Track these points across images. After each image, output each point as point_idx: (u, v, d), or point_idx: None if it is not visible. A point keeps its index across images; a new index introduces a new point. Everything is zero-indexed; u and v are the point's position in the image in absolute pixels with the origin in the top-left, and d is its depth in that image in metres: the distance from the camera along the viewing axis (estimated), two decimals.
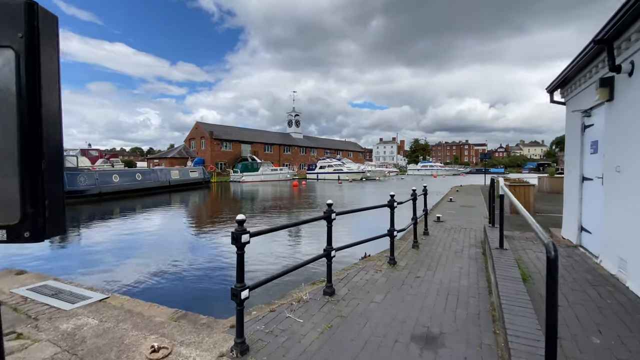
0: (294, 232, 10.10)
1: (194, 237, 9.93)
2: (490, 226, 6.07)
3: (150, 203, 18.12)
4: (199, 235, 10.17)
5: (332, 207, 3.74)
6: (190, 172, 28.91)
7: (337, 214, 3.79)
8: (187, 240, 9.42)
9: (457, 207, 12.10)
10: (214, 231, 10.76)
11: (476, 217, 9.76)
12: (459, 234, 7.44)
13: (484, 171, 29.28)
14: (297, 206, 16.66)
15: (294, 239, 9.35)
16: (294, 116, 62.99)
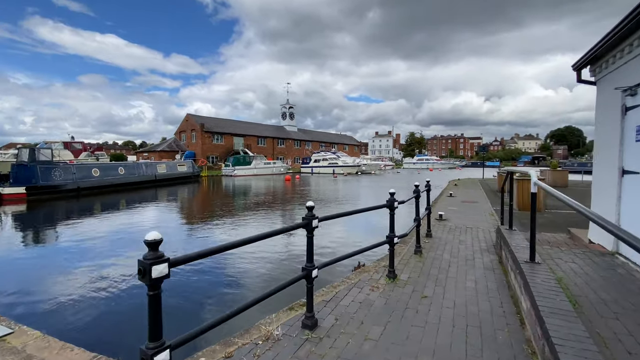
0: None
1: (167, 242, 8.92)
2: (506, 228, 5.15)
3: (132, 199, 17.01)
4: (175, 238, 9.16)
5: (312, 210, 2.77)
6: (178, 166, 27.69)
7: (321, 219, 2.83)
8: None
9: (459, 203, 11.23)
10: (194, 234, 9.75)
11: (481, 215, 8.89)
12: (466, 235, 6.55)
13: (482, 164, 28.51)
14: (289, 201, 15.70)
15: (283, 237, 8.40)
16: (288, 109, 61.59)
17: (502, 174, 14.56)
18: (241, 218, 11.51)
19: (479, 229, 7.15)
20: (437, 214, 8.45)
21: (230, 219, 11.32)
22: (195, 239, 8.70)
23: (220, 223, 10.65)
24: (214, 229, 9.74)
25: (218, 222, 10.87)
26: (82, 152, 30.98)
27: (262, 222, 10.65)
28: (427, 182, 6.15)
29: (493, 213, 9.09)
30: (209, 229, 9.73)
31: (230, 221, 10.94)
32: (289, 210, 12.89)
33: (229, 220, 11.17)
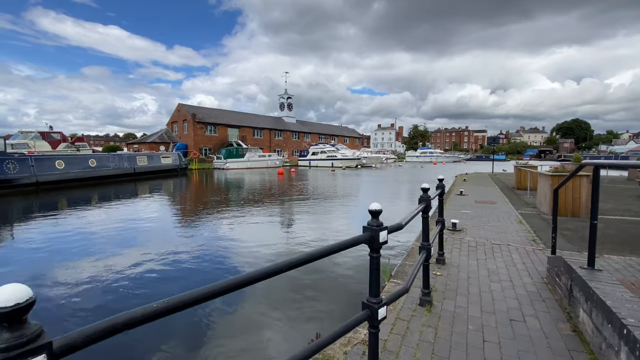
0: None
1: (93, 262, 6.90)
2: (584, 267, 3.02)
3: (100, 194, 15.06)
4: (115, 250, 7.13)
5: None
6: (162, 158, 25.63)
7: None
8: (81, 267, 6.38)
9: (472, 204, 9.12)
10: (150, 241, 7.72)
11: (505, 221, 6.78)
12: (495, 259, 4.45)
13: (492, 158, 26.25)
14: (276, 199, 13.65)
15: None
16: (286, 99, 59.12)
17: (522, 169, 12.39)
18: (208, 220, 9.49)
19: (510, 246, 5.05)
20: (448, 222, 6.36)
21: (194, 222, 9.32)
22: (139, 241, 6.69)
23: (179, 226, 8.64)
24: (168, 230, 7.75)
25: (177, 223, 8.87)
26: (60, 143, 29.02)
27: (232, 226, 8.62)
28: (440, 182, 4.04)
29: (521, 219, 6.98)
30: (160, 231, 7.71)
31: (193, 224, 8.93)
32: (273, 210, 10.86)
33: (192, 222, 9.17)
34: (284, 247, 6.62)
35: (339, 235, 7.57)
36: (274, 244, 6.80)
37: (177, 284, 4.85)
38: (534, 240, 5.37)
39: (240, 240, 7.18)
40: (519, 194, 11.43)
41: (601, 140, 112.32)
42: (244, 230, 8.08)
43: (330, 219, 9.58)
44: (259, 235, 7.52)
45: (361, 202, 12.65)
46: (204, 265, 5.64)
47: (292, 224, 9.07)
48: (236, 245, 6.82)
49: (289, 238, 7.34)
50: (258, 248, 6.59)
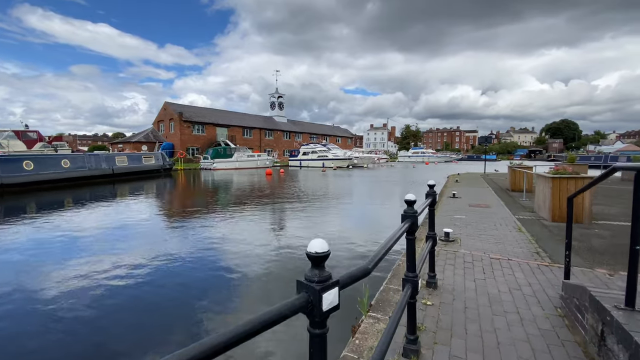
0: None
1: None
2: (622, 308, 2.29)
3: (72, 198, 14.03)
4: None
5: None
6: (143, 158, 24.48)
7: None
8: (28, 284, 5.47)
9: (466, 208, 8.47)
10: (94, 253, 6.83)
11: (503, 229, 6.11)
12: (495, 278, 3.75)
13: (484, 158, 25.85)
14: (258, 202, 12.82)
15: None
16: (277, 98, 58.13)
17: (516, 170, 11.82)
18: (183, 225, 8.62)
19: (512, 261, 4.36)
20: (441, 231, 5.66)
21: (168, 226, 8.44)
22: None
23: (150, 231, 7.77)
24: (135, 236, 6.87)
25: (148, 228, 7.99)
26: (37, 143, 27.64)
27: (207, 231, 7.77)
28: (430, 189, 3.31)
29: (520, 226, 6.32)
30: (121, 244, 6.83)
31: (166, 229, 8.06)
32: (252, 214, 10.04)
33: (166, 227, 8.30)
34: (259, 258, 5.83)
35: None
36: (248, 252, 6.01)
37: (140, 301, 4.03)
38: (538, 253, 4.70)
39: (215, 248, 6.37)
40: (514, 196, 10.85)
41: (589, 140, 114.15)
42: (218, 237, 7.26)
43: (314, 223, 8.82)
44: (234, 243, 6.72)
45: (347, 205, 11.92)
46: (175, 276, 4.82)
47: (272, 229, 8.28)
48: (211, 254, 6.00)
49: (267, 245, 6.56)
50: (232, 256, 5.79)
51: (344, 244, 6.73)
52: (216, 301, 4.33)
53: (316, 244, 0.98)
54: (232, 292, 4.62)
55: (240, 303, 4.38)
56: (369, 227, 8.59)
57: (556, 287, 3.48)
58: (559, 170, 6.77)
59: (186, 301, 4.32)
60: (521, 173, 11.54)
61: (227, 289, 4.71)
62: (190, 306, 4.16)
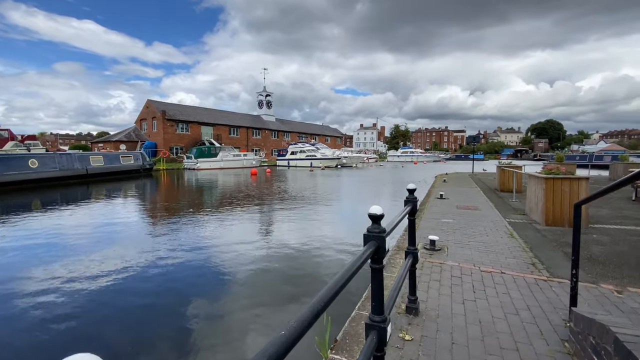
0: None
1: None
2: None
3: (36, 200, 12.96)
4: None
5: None
6: (121, 158, 23.28)
7: None
8: None
9: (454, 210, 7.93)
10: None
11: (494, 234, 5.56)
12: (489, 301, 3.15)
13: (472, 157, 25.65)
14: (239, 204, 12.06)
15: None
16: (264, 96, 57.11)
17: (505, 169, 11.41)
18: (152, 229, 7.81)
19: (505, 274, 3.78)
20: (425, 237, 5.07)
21: (138, 231, 7.62)
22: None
23: (116, 236, 6.94)
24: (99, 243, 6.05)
25: (116, 233, 7.15)
26: (7, 142, 26.14)
27: (175, 236, 6.99)
28: (410, 195, 2.68)
29: (511, 231, 5.79)
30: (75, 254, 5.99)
31: (136, 233, 7.24)
32: (230, 216, 9.28)
33: (136, 231, 7.48)
34: (232, 264, 5.12)
35: (304, 243, 6.13)
36: (216, 260, 5.29)
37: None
38: (534, 264, 4.14)
39: (181, 258, 5.62)
40: (503, 196, 10.41)
41: (573, 140, 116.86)
42: (190, 244, 6.50)
43: (291, 227, 8.14)
44: (206, 250, 5.98)
45: (328, 207, 11.29)
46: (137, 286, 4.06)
47: (247, 233, 7.56)
48: (177, 264, 5.25)
49: (240, 253, 5.84)
50: (204, 265, 5.06)
51: (311, 257, 6.08)
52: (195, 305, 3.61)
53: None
54: (209, 297, 3.90)
55: (219, 306, 3.68)
56: (341, 234, 7.97)
57: (560, 311, 2.90)
58: (552, 170, 6.28)
59: (163, 314, 3.59)
60: (510, 173, 11.13)
61: (201, 297, 3.99)
62: (168, 318, 3.43)
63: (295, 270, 5.26)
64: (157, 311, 3.99)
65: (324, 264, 5.55)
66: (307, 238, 7.08)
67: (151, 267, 5.32)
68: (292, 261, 5.66)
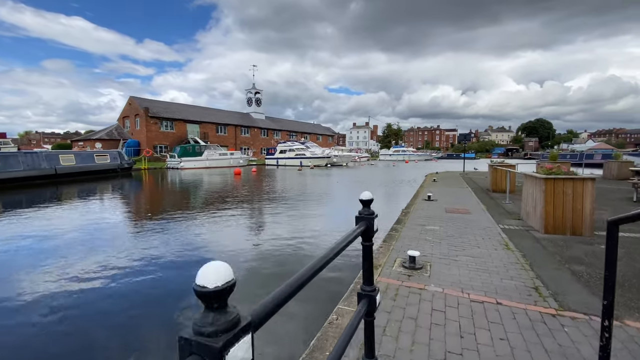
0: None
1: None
2: None
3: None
4: None
5: None
6: (95, 157, 21.96)
7: None
8: None
9: (442, 215, 7.08)
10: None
11: (487, 246, 4.70)
12: (483, 353, 2.24)
13: (463, 156, 25.03)
14: (211, 207, 11.04)
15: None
16: (254, 94, 55.88)
17: (498, 168, 10.63)
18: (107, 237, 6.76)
19: (502, 306, 2.90)
20: (404, 250, 4.17)
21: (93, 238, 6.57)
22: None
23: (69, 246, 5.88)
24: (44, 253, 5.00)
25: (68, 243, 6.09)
26: None
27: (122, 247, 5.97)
28: (364, 210, 1.75)
29: (507, 242, 4.94)
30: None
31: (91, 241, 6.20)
32: (196, 221, 8.27)
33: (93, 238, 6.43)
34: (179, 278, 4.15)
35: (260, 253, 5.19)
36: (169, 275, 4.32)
37: None
38: (536, 289, 3.28)
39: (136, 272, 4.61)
40: (495, 197, 9.62)
41: (562, 139, 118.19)
42: (145, 256, 5.49)
43: (253, 236, 7.19)
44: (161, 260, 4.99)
45: (305, 211, 10.36)
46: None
47: (210, 243, 6.58)
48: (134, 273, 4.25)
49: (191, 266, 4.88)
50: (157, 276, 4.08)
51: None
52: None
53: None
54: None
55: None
56: (317, 239, 7.06)
57: None
58: (553, 170, 5.45)
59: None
60: (503, 172, 10.36)
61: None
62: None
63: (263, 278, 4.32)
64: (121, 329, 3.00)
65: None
66: (281, 244, 6.14)
67: (101, 288, 4.32)
68: (264, 262, 4.71)
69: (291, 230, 7.50)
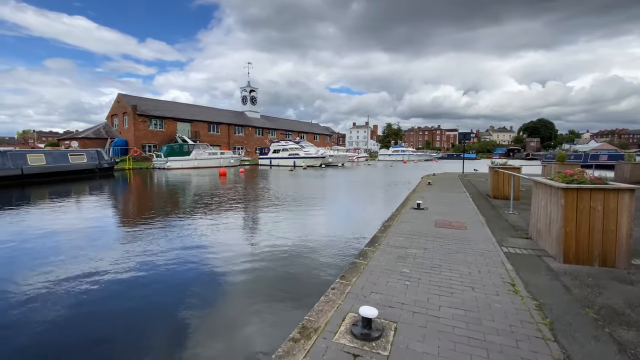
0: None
1: None
2: None
3: None
4: None
5: None
6: (70, 156, 20.59)
7: None
8: None
9: (430, 229, 5.69)
10: None
11: (487, 283, 3.30)
12: None
13: (462, 157, 23.60)
14: (179, 213, 9.66)
15: None
16: (249, 92, 54.47)
17: (500, 171, 9.22)
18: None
19: None
20: (364, 296, 2.76)
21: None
22: None
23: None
24: None
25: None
26: None
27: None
28: None
29: (513, 279, 3.53)
30: None
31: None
32: (156, 231, 6.89)
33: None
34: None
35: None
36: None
37: None
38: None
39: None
40: (497, 205, 8.22)
41: (564, 139, 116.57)
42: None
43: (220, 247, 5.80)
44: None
45: (283, 220, 8.97)
46: None
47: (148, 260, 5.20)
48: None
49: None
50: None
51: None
52: None
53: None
54: None
55: None
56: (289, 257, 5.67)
57: None
58: (575, 177, 4.04)
59: None
60: (506, 175, 8.96)
61: None
62: None
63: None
64: None
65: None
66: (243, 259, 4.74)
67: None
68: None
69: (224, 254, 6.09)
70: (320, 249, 5.99)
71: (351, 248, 6.00)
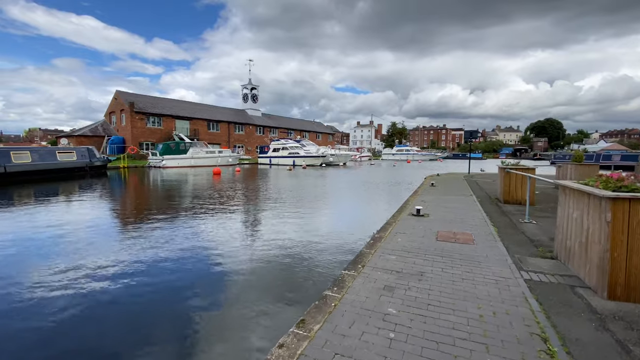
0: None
1: None
2: None
3: None
4: None
5: None
6: (58, 154, 19.82)
7: None
8: None
9: (431, 244, 4.65)
10: None
11: (507, 339, 2.27)
12: None
13: (469, 156, 22.42)
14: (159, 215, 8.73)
15: None
16: (250, 90, 53.56)
17: (511, 172, 8.12)
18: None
19: None
20: (331, 352, 1.77)
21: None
22: None
23: None
24: None
25: None
26: None
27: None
28: None
29: (544, 331, 2.49)
30: None
31: None
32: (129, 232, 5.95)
33: None
34: None
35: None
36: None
37: None
38: None
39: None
40: (509, 212, 7.14)
41: (572, 139, 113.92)
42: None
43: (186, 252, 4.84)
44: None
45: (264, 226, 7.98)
46: None
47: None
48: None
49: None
50: None
51: None
52: None
53: None
54: None
55: None
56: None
57: None
58: (627, 184, 2.98)
59: None
60: (519, 177, 7.87)
61: None
62: None
63: None
64: None
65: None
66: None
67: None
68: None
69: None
70: (296, 267, 4.98)
71: (335, 265, 4.98)
